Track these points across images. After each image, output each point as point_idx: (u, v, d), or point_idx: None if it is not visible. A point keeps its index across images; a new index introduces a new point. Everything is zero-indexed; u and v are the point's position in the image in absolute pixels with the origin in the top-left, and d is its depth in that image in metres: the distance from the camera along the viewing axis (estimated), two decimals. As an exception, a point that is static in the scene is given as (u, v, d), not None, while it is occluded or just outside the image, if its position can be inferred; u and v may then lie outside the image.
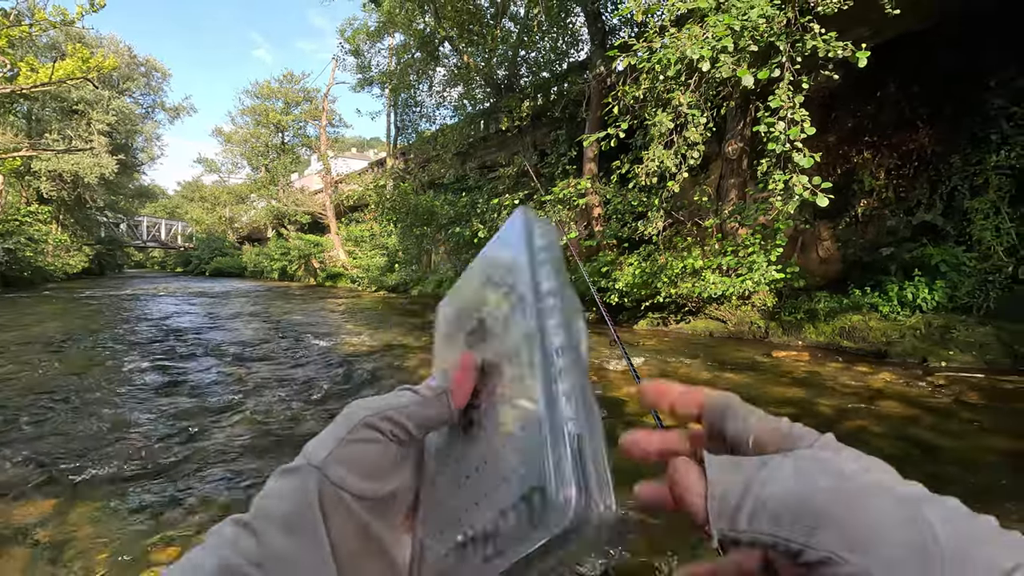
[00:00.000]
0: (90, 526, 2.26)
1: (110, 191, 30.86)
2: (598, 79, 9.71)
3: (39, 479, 2.72)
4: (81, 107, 26.02)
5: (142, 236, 43.20)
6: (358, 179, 26.13)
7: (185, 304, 13.62)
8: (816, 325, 6.48)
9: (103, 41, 28.44)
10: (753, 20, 4.47)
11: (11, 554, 2.05)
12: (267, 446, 3.23)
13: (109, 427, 3.56)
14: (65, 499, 2.50)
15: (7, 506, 2.43)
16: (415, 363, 5.80)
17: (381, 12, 15.12)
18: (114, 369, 5.44)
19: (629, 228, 8.61)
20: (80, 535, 2.18)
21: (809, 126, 4.40)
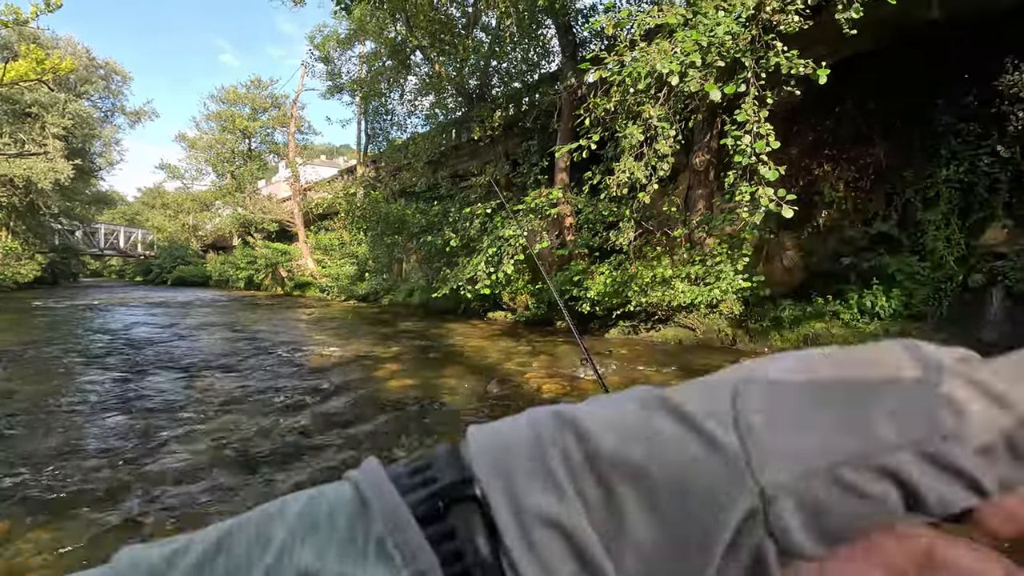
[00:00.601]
0: (41, 551, 2.14)
1: (65, 197, 29.65)
2: (569, 91, 9.83)
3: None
4: (35, 110, 25.01)
5: (99, 244, 41.56)
6: (328, 187, 25.75)
7: (145, 315, 13.15)
8: (781, 332, 6.66)
9: (60, 42, 27.43)
10: (720, 37, 4.61)
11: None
12: (229, 463, 3.12)
13: (62, 445, 3.40)
14: (14, 522, 2.37)
15: (-50, 532, 2.29)
16: (385, 374, 5.72)
17: (352, 20, 15.04)
18: (68, 384, 5.20)
19: (600, 237, 8.71)
20: (30, 561, 2.07)
21: (774, 140, 4.55)
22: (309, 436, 3.62)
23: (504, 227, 8.63)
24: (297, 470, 3.00)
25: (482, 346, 7.59)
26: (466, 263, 9.35)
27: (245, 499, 2.63)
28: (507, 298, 10.71)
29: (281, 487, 2.77)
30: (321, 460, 3.16)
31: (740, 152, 4.63)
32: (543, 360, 6.33)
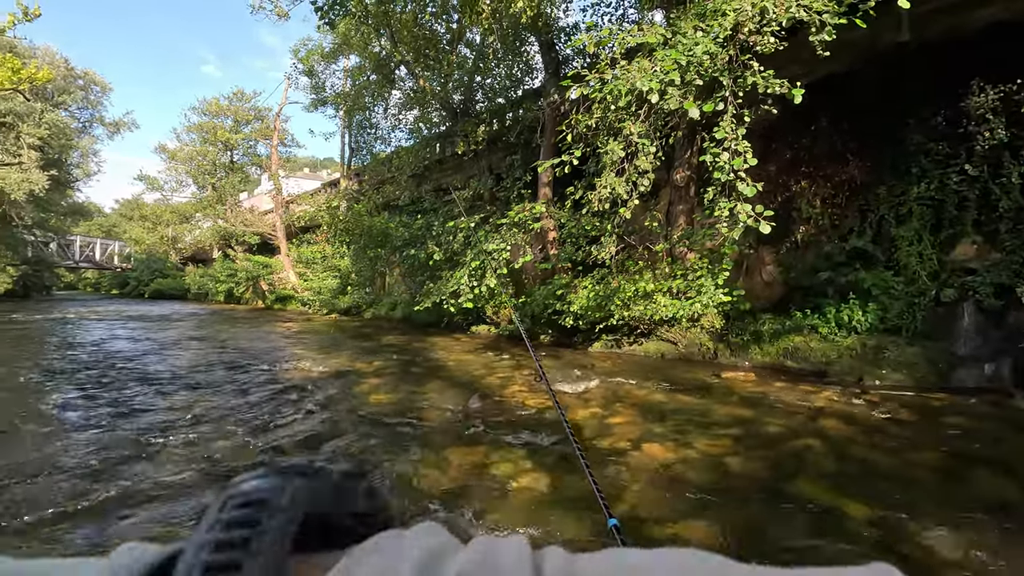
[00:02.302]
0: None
1: (40, 208, 29.04)
2: (552, 107, 9.95)
3: (-56, 524, 2.47)
4: (9, 119, 24.54)
5: (74, 256, 40.64)
6: (310, 200, 25.54)
7: (120, 329, 12.86)
8: (761, 346, 6.73)
9: (37, 52, 27.06)
10: (698, 56, 4.71)
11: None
12: (207, 482, 3.05)
13: (32, 464, 3.28)
14: (-26, 546, 2.27)
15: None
16: (366, 388, 5.65)
17: (336, 34, 15.08)
18: (37, 401, 5.05)
19: (583, 252, 8.76)
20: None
21: (751, 156, 4.65)
22: (286, 453, 3.56)
23: (488, 241, 8.64)
24: (273, 488, 2.93)
25: (465, 360, 7.56)
26: (449, 277, 9.33)
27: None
28: (491, 312, 10.69)
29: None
30: (299, 478, 3.10)
31: (719, 168, 4.72)
32: (526, 374, 6.31)
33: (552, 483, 3.01)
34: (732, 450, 3.55)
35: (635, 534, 2.45)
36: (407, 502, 2.78)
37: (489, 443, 3.71)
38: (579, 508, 2.69)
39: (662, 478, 3.10)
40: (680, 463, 3.32)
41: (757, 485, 3.00)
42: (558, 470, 3.20)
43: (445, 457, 3.45)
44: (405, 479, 3.08)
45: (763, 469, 3.23)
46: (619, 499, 2.82)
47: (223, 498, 0.26)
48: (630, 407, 4.72)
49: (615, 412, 4.56)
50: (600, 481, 3.02)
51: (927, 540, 2.33)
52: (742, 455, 3.45)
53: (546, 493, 2.89)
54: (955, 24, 6.16)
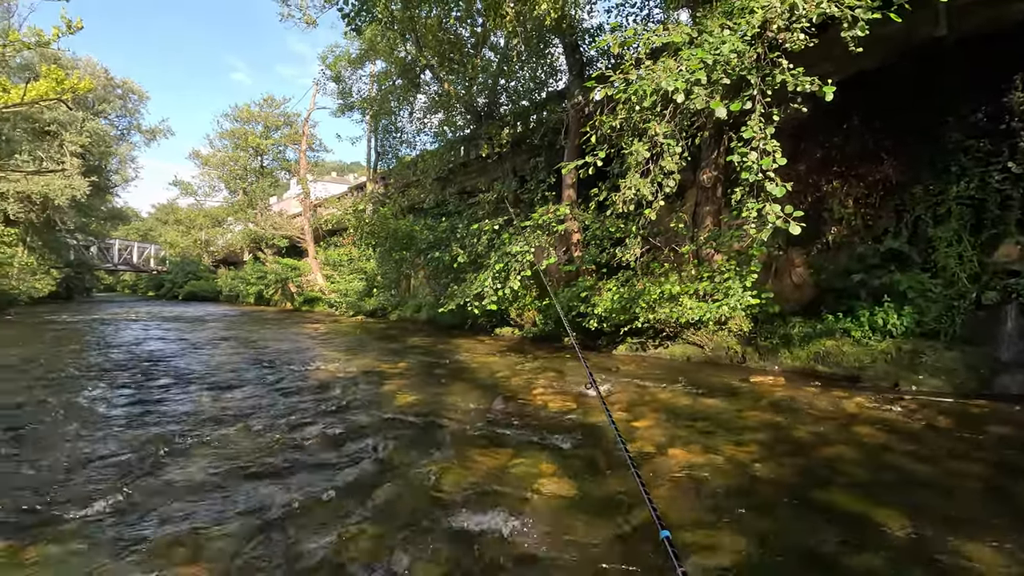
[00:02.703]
0: (39, 570, 2.13)
1: (81, 213, 30.20)
2: (576, 108, 9.91)
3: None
4: (54, 128, 25.57)
5: (113, 259, 42.13)
6: (337, 203, 25.97)
7: (156, 329, 13.26)
8: (791, 350, 6.58)
9: (79, 63, 28.16)
10: (725, 55, 4.63)
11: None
12: (237, 478, 3.11)
13: (71, 460, 3.40)
14: (21, 539, 2.36)
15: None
16: (391, 389, 5.70)
17: (363, 40, 15.30)
18: (79, 397, 5.24)
19: (607, 254, 8.69)
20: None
21: (780, 156, 4.54)
22: (312, 453, 3.61)
23: (511, 243, 8.64)
24: (300, 487, 2.98)
25: (488, 362, 7.57)
26: (473, 279, 9.36)
27: (246, 516, 2.61)
28: (514, 314, 10.69)
29: (284, 504, 2.75)
30: (328, 477, 3.14)
31: (747, 169, 4.62)
32: (550, 376, 6.29)
33: (578, 487, 2.98)
34: (760, 456, 3.47)
35: (657, 539, 2.41)
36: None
37: (514, 445, 3.71)
38: (605, 513, 2.67)
39: (688, 483, 3.04)
40: (707, 468, 3.25)
41: (786, 492, 2.92)
42: (583, 474, 3.17)
43: (469, 458, 3.45)
44: (429, 480, 3.10)
45: (793, 476, 3.15)
46: (642, 504, 2.78)
47: None
48: (655, 411, 4.66)
49: (640, 416, 4.50)
50: (624, 486, 2.98)
51: (968, 555, 2.24)
52: (771, 461, 3.37)
53: (571, 497, 2.87)
54: (994, 16, 5.93)
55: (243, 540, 2.38)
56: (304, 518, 2.62)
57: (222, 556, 2.25)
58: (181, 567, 2.16)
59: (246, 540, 2.38)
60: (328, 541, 2.39)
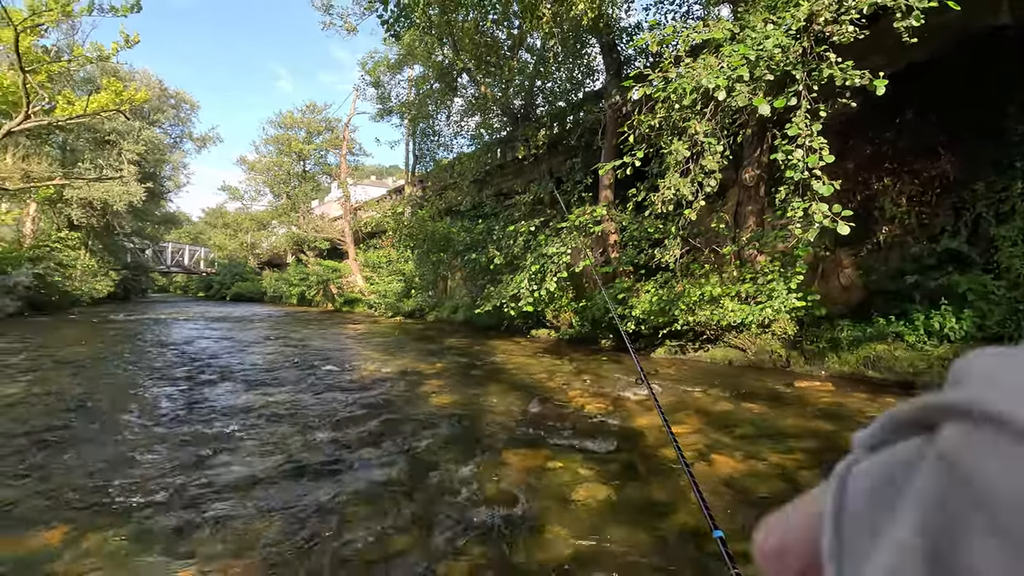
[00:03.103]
0: (101, 556, 2.24)
1: (137, 218, 31.74)
2: (613, 108, 9.82)
3: (56, 506, 2.73)
4: (113, 137, 26.99)
5: (166, 261, 44.19)
6: (376, 206, 26.54)
7: (206, 329, 13.81)
8: (839, 354, 6.33)
9: (136, 75, 29.64)
10: (769, 50, 4.50)
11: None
12: (283, 474, 3.21)
13: (127, 453, 3.58)
14: (77, 528, 2.49)
15: (22, 535, 2.43)
16: (429, 389, 5.77)
17: (401, 45, 15.57)
18: (134, 394, 5.50)
19: (645, 255, 8.57)
20: (94, 566, 2.17)
21: (828, 153, 4.38)
22: (354, 450, 3.68)
23: (548, 245, 8.62)
24: (341, 484, 3.05)
25: (525, 363, 7.56)
26: (509, 280, 9.39)
27: (291, 511, 2.68)
28: (550, 316, 10.67)
29: (326, 500, 2.81)
30: (368, 474, 3.20)
31: (792, 167, 4.47)
32: (587, 379, 6.24)
33: (615, 491, 2.95)
34: (808, 464, 3.35)
35: (699, 546, 2.36)
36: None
37: (551, 447, 3.69)
38: (642, 519, 2.62)
39: (730, 491, 2.96)
40: (750, 476, 3.16)
41: (835, 503, 2.81)
42: (621, 478, 3.13)
43: (506, 460, 3.46)
44: (466, 479, 3.11)
45: (842, 486, 3.03)
46: (685, 510, 2.73)
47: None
48: (696, 416, 4.56)
49: (680, 421, 4.41)
50: (664, 491, 2.93)
51: None
52: (817, 469, 3.25)
53: (608, 501, 2.84)
54: (1064, 2, 5.58)
55: (288, 534, 2.45)
56: (346, 514, 2.67)
57: (269, 549, 2.32)
58: (230, 558, 2.24)
59: (291, 534, 2.45)
60: (368, 537, 2.43)
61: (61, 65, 17.28)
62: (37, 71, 15.53)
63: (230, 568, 2.17)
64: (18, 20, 13.25)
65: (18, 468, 3.25)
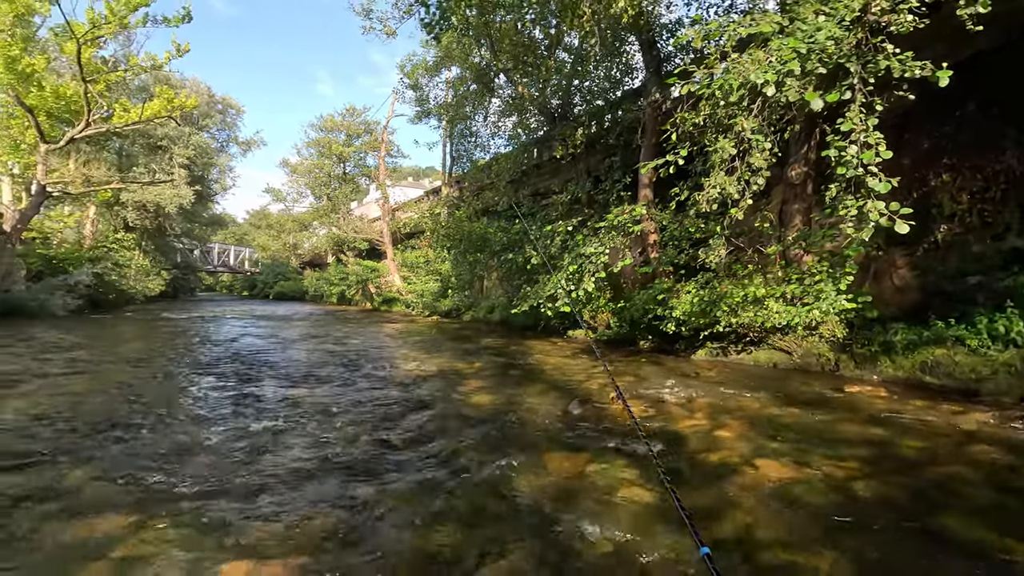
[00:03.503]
0: (162, 543, 2.34)
1: (187, 219, 33.11)
2: (653, 106, 9.67)
3: (120, 492, 2.86)
4: (165, 143, 28.23)
5: (213, 261, 45.97)
6: (414, 207, 26.92)
7: (251, 327, 14.27)
8: (893, 358, 6.05)
9: (186, 83, 30.92)
10: (820, 42, 4.33)
11: (91, 569, 2.14)
12: (327, 469, 3.28)
13: (182, 445, 3.72)
14: (140, 514, 2.60)
15: (92, 518, 2.55)
16: (467, 389, 5.80)
17: (439, 48, 15.73)
18: (187, 388, 5.73)
19: (686, 255, 8.40)
20: (153, 551, 2.26)
21: (884, 149, 4.18)
22: (397, 448, 3.73)
23: (585, 244, 8.56)
24: (384, 480, 3.09)
25: (562, 364, 7.52)
26: (546, 280, 9.36)
27: (336, 505, 2.74)
28: (588, 316, 10.58)
29: (369, 496, 2.86)
30: (408, 473, 3.24)
31: (844, 164, 4.29)
32: (626, 381, 6.16)
33: (658, 497, 2.89)
34: (861, 473, 3.21)
35: (747, 558, 2.29)
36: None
37: (592, 450, 3.66)
38: (685, 525, 2.56)
39: (778, 499, 2.87)
40: (799, 484, 3.05)
41: (893, 515, 2.68)
42: (663, 482, 3.07)
43: (545, 461, 3.44)
44: (507, 479, 3.11)
45: (900, 497, 2.89)
46: (729, 518, 2.65)
47: None
48: (740, 420, 4.44)
49: (723, 425, 4.30)
50: (709, 497, 2.86)
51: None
52: (874, 479, 3.11)
53: (651, 506, 2.79)
54: None
55: (334, 527, 2.50)
56: (389, 509, 2.71)
57: (313, 544, 2.37)
58: (279, 550, 2.29)
59: (336, 527, 2.50)
60: (411, 533, 2.46)
61: (118, 75, 18.17)
62: (97, 81, 16.36)
63: (279, 559, 2.22)
64: (80, 33, 13.98)
65: (87, 455, 3.43)
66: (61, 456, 3.42)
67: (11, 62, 14.58)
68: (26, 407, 4.64)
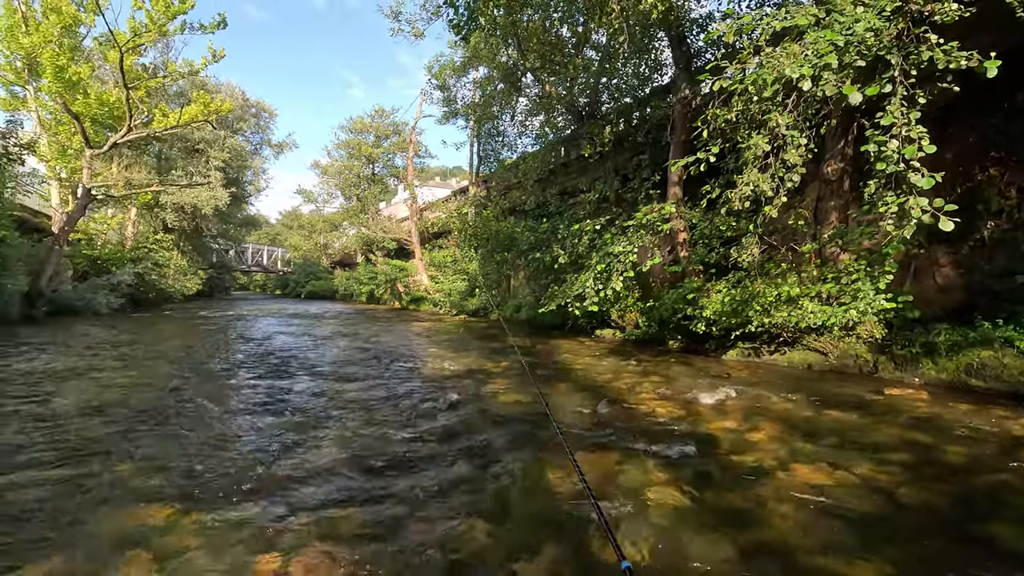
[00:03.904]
0: (197, 536, 2.41)
1: (222, 221, 34.04)
2: (683, 103, 9.52)
3: (160, 484, 2.96)
4: (201, 146, 29.07)
5: (247, 261, 47.17)
6: (442, 207, 27.14)
7: (284, 325, 14.60)
8: (936, 360, 5.83)
9: (221, 87, 31.79)
10: (859, 34, 4.19)
11: (127, 562, 2.22)
12: (358, 466, 3.33)
13: (219, 439, 3.83)
14: (179, 505, 2.69)
15: (135, 509, 2.65)
16: (496, 388, 5.81)
17: (467, 48, 15.81)
18: (223, 384, 5.89)
19: (717, 253, 8.25)
20: (190, 543, 2.33)
21: (928, 143, 4.03)
22: (426, 444, 3.77)
23: (614, 243, 8.48)
24: (414, 477, 3.12)
25: (590, 364, 7.48)
26: (574, 280, 9.30)
27: (368, 501, 2.78)
28: (616, 316, 10.49)
29: (400, 492, 2.89)
30: (439, 471, 3.26)
31: (884, 159, 4.15)
32: (655, 381, 6.09)
33: (690, 498, 2.85)
34: (903, 479, 3.11)
35: (786, 563, 2.23)
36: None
37: (621, 450, 3.63)
38: (720, 528, 2.52)
39: (815, 504, 2.79)
40: (837, 488, 2.97)
41: (937, 523, 2.59)
42: (695, 485, 3.03)
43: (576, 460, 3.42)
44: (536, 478, 3.11)
45: (945, 505, 2.79)
46: (763, 521, 2.60)
47: None
48: (773, 422, 4.34)
49: (756, 427, 4.22)
50: (744, 500, 2.81)
51: None
52: (916, 486, 3.00)
53: (682, 508, 2.75)
54: None
55: (365, 523, 2.54)
56: (420, 506, 2.74)
57: (348, 537, 2.41)
58: (313, 544, 2.34)
59: (368, 523, 2.54)
60: (442, 529, 2.48)
61: (158, 81, 18.79)
62: (138, 87, 16.94)
63: (312, 553, 2.27)
64: (122, 42, 14.49)
65: (130, 448, 3.56)
66: (108, 448, 3.56)
67: (59, 71, 15.23)
68: (78, 401, 4.86)
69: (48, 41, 15.22)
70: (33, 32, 15.35)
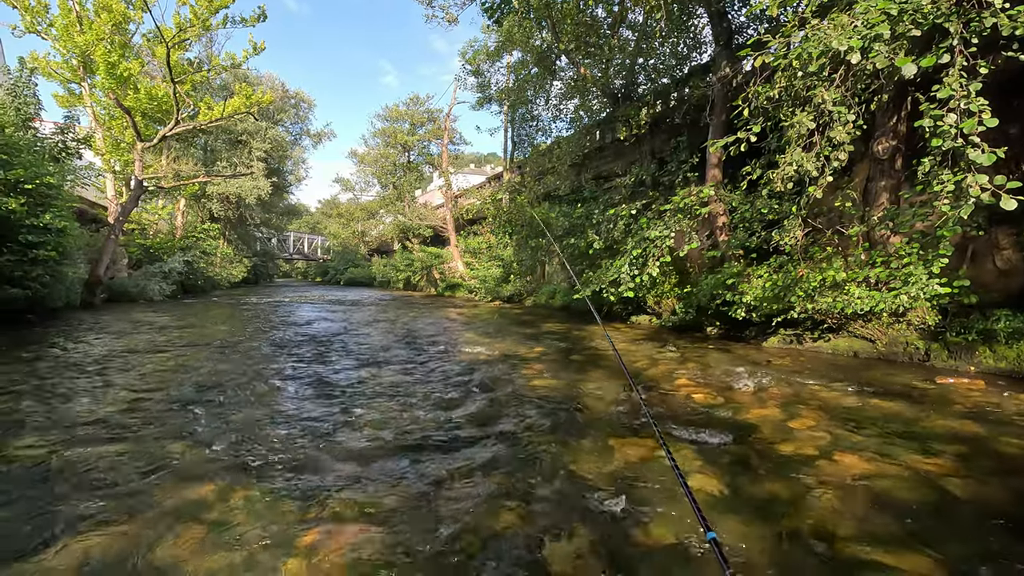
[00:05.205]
0: (246, 510, 2.51)
1: (265, 210, 35.07)
2: (723, 81, 9.21)
3: (208, 462, 3.10)
4: (244, 137, 29.92)
5: (289, 249, 48.54)
6: (476, 193, 27.21)
7: (325, 311, 14.98)
8: (994, 348, 5.53)
9: (262, 79, 32.53)
10: (915, 1, 3.94)
11: (183, 531, 2.34)
12: (395, 448, 3.40)
13: (263, 420, 3.98)
14: (228, 482, 2.81)
15: (185, 486, 2.79)
16: (530, 373, 5.83)
17: (500, 32, 15.67)
18: (267, 368, 6.10)
19: (758, 237, 8.00)
20: (238, 517, 2.44)
21: (989, 117, 3.77)
22: (462, 428, 3.82)
23: (650, 228, 8.33)
24: (449, 460, 3.17)
25: (625, 350, 7.41)
26: (609, 265, 9.20)
27: (403, 481, 2.84)
28: (651, 302, 10.34)
29: (435, 474, 2.94)
30: (473, 453, 3.31)
31: (941, 134, 3.91)
32: (691, 367, 5.98)
33: (727, 485, 2.80)
34: (955, 471, 2.97)
35: (827, 551, 2.17)
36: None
37: (657, 436, 3.58)
38: (759, 515, 2.47)
39: (860, 493, 2.70)
40: (883, 479, 2.87)
41: (993, 515, 2.47)
42: (732, 472, 2.97)
43: (610, 447, 3.41)
44: (570, 463, 3.11)
45: (1002, 499, 2.65)
46: (806, 510, 2.53)
47: None
48: (816, 410, 4.22)
49: (797, 415, 4.10)
50: (784, 488, 2.75)
51: None
52: (970, 478, 2.87)
53: (720, 495, 2.71)
54: None
55: (401, 502, 2.60)
56: (454, 488, 2.78)
57: (384, 515, 2.47)
58: (350, 524, 2.41)
59: (404, 503, 2.60)
60: (476, 511, 2.51)
61: (202, 75, 19.38)
62: (184, 81, 17.50)
63: (351, 531, 2.34)
64: (169, 37, 14.97)
65: (179, 428, 3.74)
66: (164, 426, 3.75)
67: (111, 67, 15.88)
68: (137, 382, 5.13)
69: (100, 39, 15.86)
70: (87, 30, 16.02)
